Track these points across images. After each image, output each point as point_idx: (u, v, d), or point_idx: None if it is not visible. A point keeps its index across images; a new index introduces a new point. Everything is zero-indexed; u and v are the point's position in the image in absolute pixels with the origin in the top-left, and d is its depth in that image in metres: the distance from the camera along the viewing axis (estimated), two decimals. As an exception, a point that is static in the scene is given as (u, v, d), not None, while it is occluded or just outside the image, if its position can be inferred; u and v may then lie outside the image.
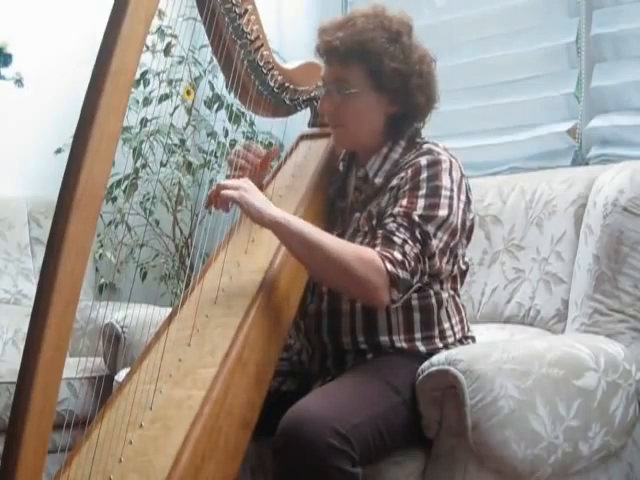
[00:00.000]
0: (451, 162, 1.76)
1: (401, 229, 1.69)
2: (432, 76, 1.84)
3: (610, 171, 2.11)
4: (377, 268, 1.64)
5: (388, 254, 1.66)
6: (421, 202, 1.71)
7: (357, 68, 1.79)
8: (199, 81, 3.31)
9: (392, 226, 1.70)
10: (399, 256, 1.66)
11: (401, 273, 1.65)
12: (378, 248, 1.68)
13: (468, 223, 1.82)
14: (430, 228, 1.69)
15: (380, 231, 1.71)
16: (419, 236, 1.68)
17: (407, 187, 1.74)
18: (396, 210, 1.71)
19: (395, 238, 1.68)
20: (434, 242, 1.70)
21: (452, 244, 1.75)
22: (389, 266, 1.64)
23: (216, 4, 1.81)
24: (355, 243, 1.80)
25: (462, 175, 1.78)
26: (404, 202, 1.72)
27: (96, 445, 1.47)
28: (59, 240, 1.21)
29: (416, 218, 1.69)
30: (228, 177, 1.91)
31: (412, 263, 1.67)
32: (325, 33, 1.82)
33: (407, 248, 1.67)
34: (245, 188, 1.67)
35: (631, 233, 1.98)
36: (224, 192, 1.66)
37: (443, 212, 1.71)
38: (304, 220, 1.83)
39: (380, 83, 1.79)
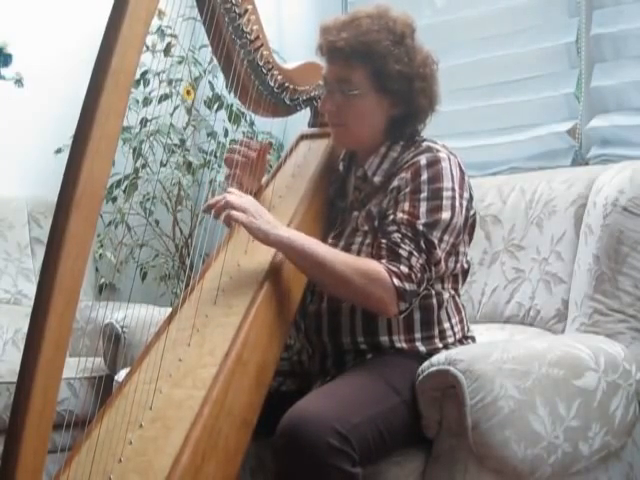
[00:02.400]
0: (450, 159, 1.77)
1: (406, 240, 1.69)
2: (434, 79, 1.84)
3: (610, 171, 2.11)
4: (383, 283, 1.66)
5: (395, 268, 1.67)
6: (423, 207, 1.71)
7: (360, 69, 1.79)
8: (199, 81, 3.31)
9: (396, 237, 1.70)
10: (405, 269, 1.67)
11: (408, 286, 1.67)
12: (384, 261, 1.69)
13: (470, 220, 1.82)
14: (435, 234, 1.70)
15: (384, 241, 1.72)
16: (424, 246, 1.69)
17: (408, 189, 1.74)
18: (399, 217, 1.72)
19: (401, 251, 1.69)
20: (440, 248, 1.71)
21: (457, 243, 1.76)
22: (396, 281, 1.66)
23: (216, 4, 1.80)
24: (355, 242, 1.80)
25: (462, 172, 1.79)
26: (406, 207, 1.72)
27: (96, 445, 1.47)
28: (59, 240, 1.21)
29: (420, 227, 1.70)
30: (227, 177, 1.91)
31: (419, 275, 1.68)
32: (328, 33, 1.82)
33: (413, 260, 1.68)
34: (252, 212, 1.67)
35: (631, 233, 1.98)
36: (232, 213, 1.65)
37: (446, 215, 1.71)
38: (304, 221, 1.83)
39: (383, 85, 1.79)
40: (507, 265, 2.30)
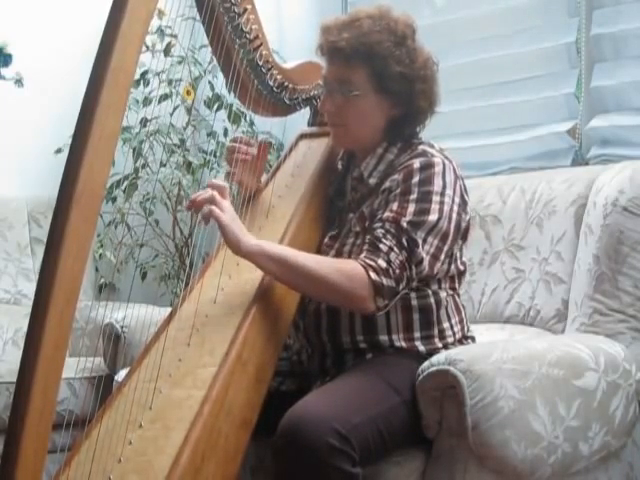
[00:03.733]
0: (444, 164, 1.76)
1: (388, 236, 1.69)
2: (435, 81, 1.83)
3: (610, 171, 2.11)
4: (359, 279, 1.65)
5: (372, 262, 1.66)
6: (411, 207, 1.71)
7: (361, 70, 1.79)
8: (199, 81, 3.31)
9: (379, 232, 1.70)
10: (383, 264, 1.66)
11: (385, 281, 1.66)
12: (363, 255, 1.69)
13: (464, 224, 1.81)
14: (419, 234, 1.69)
15: (368, 237, 1.72)
16: (405, 243, 1.68)
17: (398, 190, 1.73)
18: (385, 215, 1.71)
19: (381, 245, 1.68)
20: (424, 248, 1.69)
21: (445, 247, 1.74)
22: (372, 275, 1.65)
23: (215, 3, 1.80)
24: (347, 243, 1.81)
25: (457, 177, 1.78)
26: (394, 207, 1.72)
27: (96, 445, 1.47)
28: (59, 239, 1.20)
29: (404, 225, 1.69)
30: (228, 174, 1.91)
31: (397, 271, 1.67)
32: (329, 33, 1.81)
33: (392, 256, 1.67)
34: (230, 215, 1.64)
35: (631, 233, 1.98)
36: (213, 209, 1.62)
37: (433, 217, 1.71)
38: (303, 221, 1.83)
39: (383, 86, 1.79)
40: (507, 265, 2.30)
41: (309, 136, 2.12)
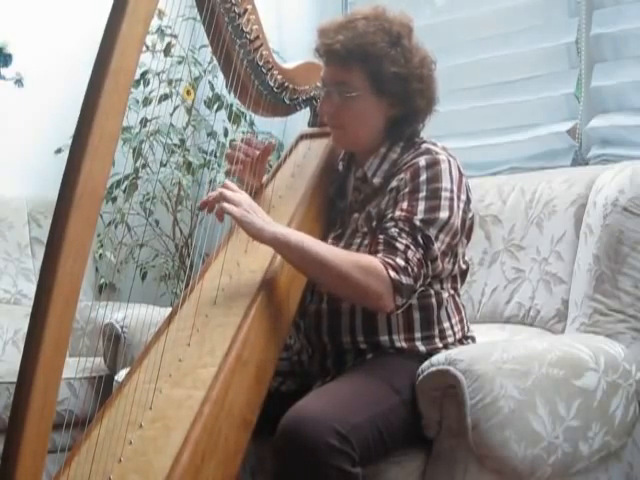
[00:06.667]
0: (450, 161, 1.76)
1: (403, 234, 1.69)
2: (432, 79, 1.83)
3: (610, 171, 2.11)
4: (379, 276, 1.64)
5: (391, 261, 1.66)
6: (421, 205, 1.71)
7: (357, 71, 1.79)
8: (199, 81, 3.31)
9: (394, 231, 1.70)
10: (402, 262, 1.66)
11: (404, 279, 1.66)
12: (380, 254, 1.68)
13: (468, 222, 1.82)
14: (432, 231, 1.70)
15: (382, 236, 1.71)
16: (421, 241, 1.69)
17: (407, 189, 1.74)
18: (397, 214, 1.71)
19: (397, 244, 1.68)
20: (436, 245, 1.70)
21: (453, 244, 1.75)
22: (392, 273, 1.65)
23: (215, 3, 1.81)
24: (354, 243, 1.80)
25: (461, 174, 1.78)
26: (404, 205, 1.72)
27: (96, 445, 1.47)
28: (59, 240, 1.20)
29: (417, 222, 1.69)
30: (228, 172, 1.91)
31: (415, 269, 1.67)
32: (325, 35, 1.82)
33: (409, 254, 1.67)
34: (245, 207, 1.64)
35: (631, 233, 1.98)
36: (225, 206, 1.63)
37: (444, 214, 1.71)
38: (304, 221, 1.83)
39: (380, 86, 1.79)
40: (507, 265, 2.30)
41: (309, 136, 2.12)
